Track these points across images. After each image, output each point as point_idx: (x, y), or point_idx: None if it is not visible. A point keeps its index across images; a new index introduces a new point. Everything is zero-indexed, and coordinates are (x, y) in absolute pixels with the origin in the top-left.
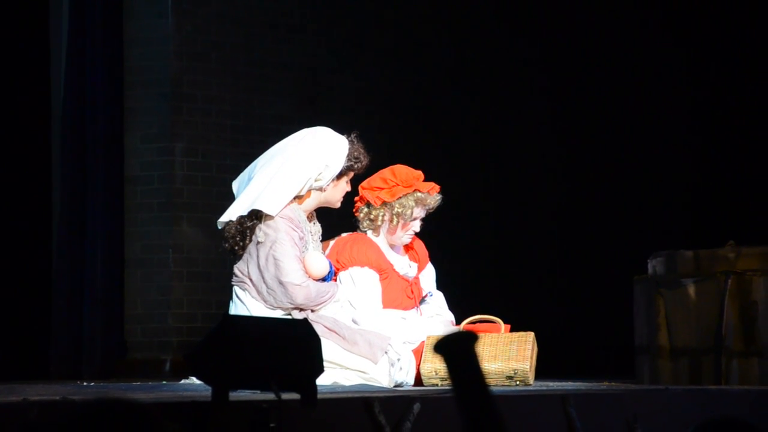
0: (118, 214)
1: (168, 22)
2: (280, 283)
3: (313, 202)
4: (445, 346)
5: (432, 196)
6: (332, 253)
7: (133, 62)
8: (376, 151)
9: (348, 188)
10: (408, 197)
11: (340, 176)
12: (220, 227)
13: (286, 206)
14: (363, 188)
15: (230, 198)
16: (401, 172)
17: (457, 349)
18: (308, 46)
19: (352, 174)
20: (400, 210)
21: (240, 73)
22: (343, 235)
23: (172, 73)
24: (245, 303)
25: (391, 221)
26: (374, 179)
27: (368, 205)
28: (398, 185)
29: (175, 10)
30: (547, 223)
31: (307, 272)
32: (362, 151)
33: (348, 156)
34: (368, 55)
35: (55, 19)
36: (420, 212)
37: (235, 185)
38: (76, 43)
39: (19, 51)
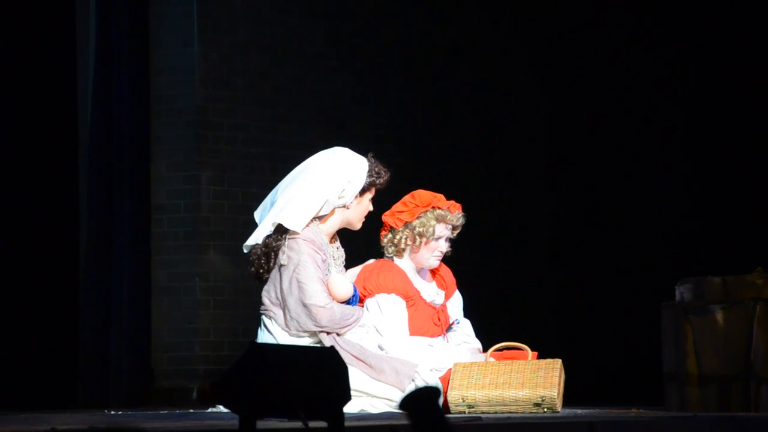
0: (144, 242)
1: (194, 51)
2: (304, 305)
3: (336, 221)
4: (410, 403)
5: (453, 213)
6: (359, 280)
7: (160, 91)
8: (399, 177)
9: (370, 207)
10: (427, 214)
11: (362, 193)
12: (246, 251)
13: (308, 226)
14: (385, 215)
15: (255, 226)
16: (420, 193)
17: (422, 405)
18: (333, 74)
19: (373, 191)
20: (421, 229)
21: (265, 100)
22: (370, 261)
23: (197, 102)
24: (272, 331)
25: (413, 241)
26: (396, 205)
27: (392, 230)
28: (418, 206)
29: (200, 39)
30: (574, 251)
31: (330, 295)
32: (381, 167)
33: (369, 171)
34: (392, 82)
35: (82, 48)
36: (443, 230)
37: (258, 213)
38: (102, 72)
39: (46, 80)
